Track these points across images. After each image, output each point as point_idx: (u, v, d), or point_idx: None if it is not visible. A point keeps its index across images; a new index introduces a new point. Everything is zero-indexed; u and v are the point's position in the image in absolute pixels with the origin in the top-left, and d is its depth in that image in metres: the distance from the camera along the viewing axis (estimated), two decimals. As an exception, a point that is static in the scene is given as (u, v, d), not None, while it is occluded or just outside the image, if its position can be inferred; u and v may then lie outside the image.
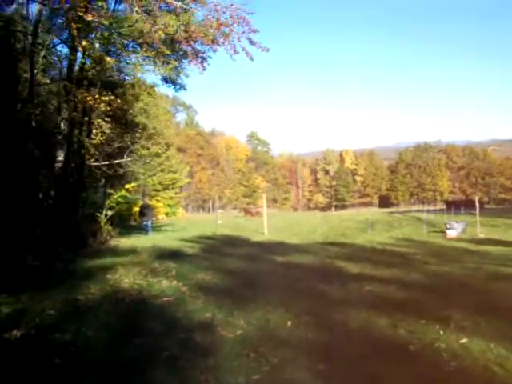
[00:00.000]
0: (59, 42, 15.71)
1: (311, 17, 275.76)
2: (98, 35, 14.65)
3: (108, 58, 13.85)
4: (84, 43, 12.63)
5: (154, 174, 61.74)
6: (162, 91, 66.39)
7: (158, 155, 57.28)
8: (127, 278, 9.63)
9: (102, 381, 4.57)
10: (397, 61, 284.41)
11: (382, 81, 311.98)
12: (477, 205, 29.22)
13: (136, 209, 45.89)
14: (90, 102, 15.26)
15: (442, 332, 5.99)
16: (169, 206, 65.01)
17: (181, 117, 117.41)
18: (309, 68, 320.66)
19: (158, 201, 58.37)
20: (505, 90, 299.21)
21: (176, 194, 76.56)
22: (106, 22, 12.99)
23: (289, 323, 6.49)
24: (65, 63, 17.93)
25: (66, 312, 6.91)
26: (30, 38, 14.56)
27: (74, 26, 11.85)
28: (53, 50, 17.03)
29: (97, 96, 15.31)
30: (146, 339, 5.71)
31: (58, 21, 14.87)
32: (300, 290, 9.04)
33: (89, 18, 12.24)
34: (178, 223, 42.86)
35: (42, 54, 15.59)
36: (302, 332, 6.13)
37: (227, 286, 9.43)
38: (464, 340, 5.62)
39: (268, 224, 30.13)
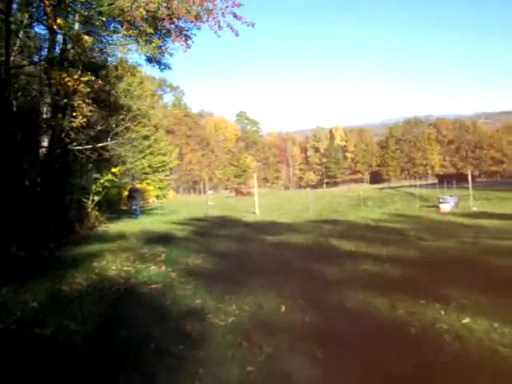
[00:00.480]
0: (37, 21, 15.05)
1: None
2: (76, 14, 14.15)
3: (86, 37, 13.31)
4: (59, 21, 12.08)
5: (144, 157, 61.21)
6: (148, 73, 65.90)
7: (146, 138, 56.77)
8: (114, 265, 9.32)
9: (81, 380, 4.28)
10: (384, 37, 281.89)
11: (369, 57, 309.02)
12: (469, 178, 29.08)
13: (126, 193, 45.64)
14: (69, 83, 14.75)
15: (442, 312, 5.74)
16: (159, 188, 64.66)
17: (168, 98, 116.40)
18: (296, 46, 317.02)
19: (148, 184, 58.05)
20: (493, 63, 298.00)
21: (166, 176, 76.13)
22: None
23: (283, 308, 6.21)
24: (46, 45, 17.37)
25: (49, 304, 6.59)
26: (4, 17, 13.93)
27: (47, 2, 11.32)
28: (31, 30, 16.43)
29: (76, 76, 14.78)
30: (132, 331, 5.41)
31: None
32: (294, 271, 8.76)
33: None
34: (168, 206, 42.61)
35: (20, 34, 15.02)
36: (297, 317, 5.84)
37: (218, 269, 9.12)
38: (466, 320, 5.37)
39: (259, 203, 29.85)
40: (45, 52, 17.28)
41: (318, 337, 5.12)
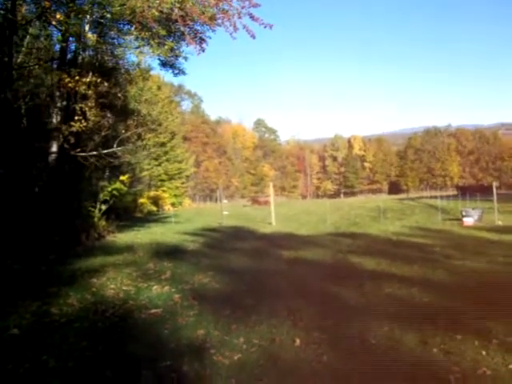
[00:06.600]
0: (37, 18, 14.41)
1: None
2: (86, 15, 13.57)
3: (90, 35, 12.68)
4: (59, 16, 11.42)
5: (159, 164, 60.82)
6: (166, 79, 65.66)
7: (162, 145, 56.38)
8: (114, 283, 8.58)
9: None
10: (404, 46, 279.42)
11: (389, 66, 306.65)
12: (494, 190, 27.87)
13: (141, 200, 45.20)
14: (82, 87, 14.19)
15: (483, 352, 4.87)
16: (175, 196, 64.17)
17: (186, 105, 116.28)
18: (315, 54, 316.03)
19: (163, 191, 57.56)
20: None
21: (182, 183, 75.40)
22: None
23: (297, 342, 5.39)
24: (57, 47, 16.85)
25: (33, 331, 5.82)
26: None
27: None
28: (40, 32, 15.85)
29: (84, 80, 14.15)
30: (120, 370, 4.61)
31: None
32: (310, 294, 7.91)
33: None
34: (183, 214, 41.94)
35: (27, 38, 14.46)
36: (314, 354, 5.01)
37: (227, 291, 8.31)
38: (514, 365, 4.50)
39: (276, 213, 29.06)
40: (56, 55, 16.74)
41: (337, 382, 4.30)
